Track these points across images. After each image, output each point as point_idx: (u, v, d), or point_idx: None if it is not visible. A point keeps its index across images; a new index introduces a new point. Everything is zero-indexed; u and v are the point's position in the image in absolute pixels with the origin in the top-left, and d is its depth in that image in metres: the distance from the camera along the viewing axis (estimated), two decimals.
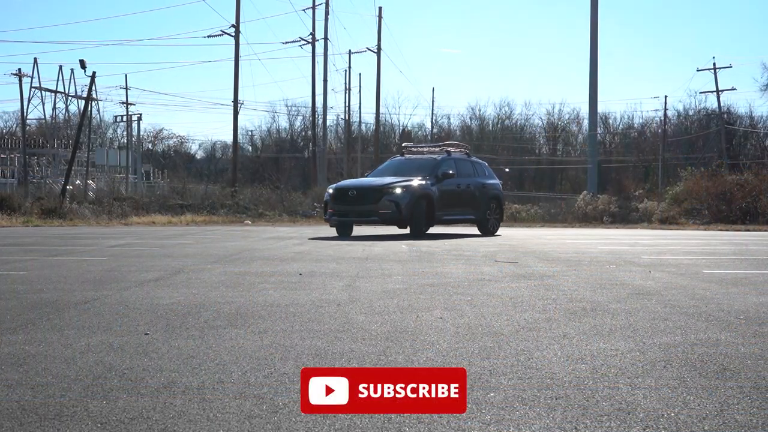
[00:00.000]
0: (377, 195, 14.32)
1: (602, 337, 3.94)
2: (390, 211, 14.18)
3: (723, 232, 21.34)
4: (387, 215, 14.27)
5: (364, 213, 14.58)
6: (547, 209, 32.88)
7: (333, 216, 14.75)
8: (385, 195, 14.26)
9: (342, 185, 15.29)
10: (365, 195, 14.50)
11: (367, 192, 14.52)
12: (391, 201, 14.20)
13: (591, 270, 7.76)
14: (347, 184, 15.55)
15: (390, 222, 14.50)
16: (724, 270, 8.00)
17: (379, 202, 14.20)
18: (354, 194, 14.55)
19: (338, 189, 14.98)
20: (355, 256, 9.35)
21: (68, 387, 2.83)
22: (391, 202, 14.19)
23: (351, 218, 14.81)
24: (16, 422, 2.41)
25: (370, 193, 14.46)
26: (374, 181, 14.93)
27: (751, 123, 54.68)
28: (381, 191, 14.33)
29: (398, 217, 14.29)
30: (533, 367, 3.21)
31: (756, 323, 4.44)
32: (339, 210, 14.64)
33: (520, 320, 4.44)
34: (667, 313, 4.81)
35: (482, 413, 2.54)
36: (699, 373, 3.14)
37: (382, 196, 14.26)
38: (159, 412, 2.53)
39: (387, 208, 14.18)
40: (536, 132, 64.08)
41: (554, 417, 2.51)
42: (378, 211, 14.24)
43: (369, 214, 14.44)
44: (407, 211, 14.21)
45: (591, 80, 38.91)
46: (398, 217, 14.29)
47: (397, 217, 14.27)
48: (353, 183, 15.64)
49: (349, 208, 14.56)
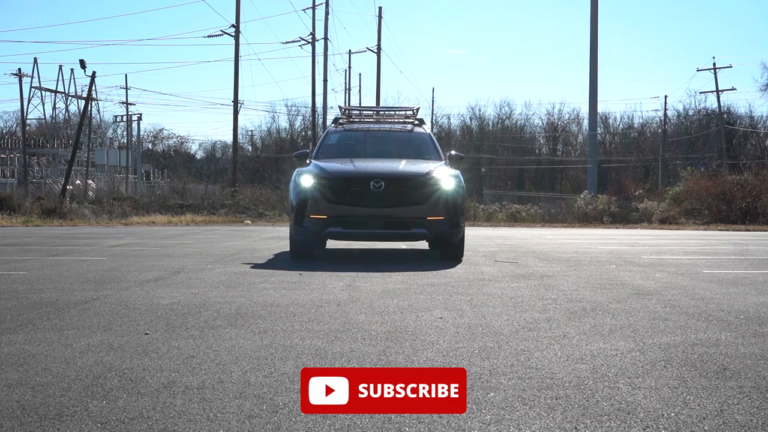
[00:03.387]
0: (422, 189, 8.37)
1: (602, 337, 3.94)
2: (444, 218, 8.35)
3: (723, 232, 21.34)
4: (440, 227, 8.38)
5: (398, 223, 8.37)
6: (547, 209, 32.87)
7: (330, 228, 8.33)
8: (434, 190, 8.39)
9: (348, 171, 8.64)
10: (402, 188, 8.38)
11: (404, 182, 8.42)
12: (441, 201, 8.38)
13: (591, 270, 7.76)
14: (358, 169, 8.68)
15: (440, 237, 8.62)
16: (724, 270, 8.00)
17: (428, 201, 8.34)
18: (381, 187, 8.25)
19: (342, 177, 8.48)
20: (359, 252, 9.34)
21: (68, 387, 2.83)
22: (442, 202, 8.38)
23: (373, 232, 8.46)
24: (16, 422, 2.41)
25: (411, 183, 8.41)
26: (394, 167, 8.75)
27: (751, 123, 54.67)
28: (425, 182, 8.40)
29: (454, 231, 8.49)
30: (533, 367, 3.21)
31: (756, 323, 4.44)
32: (344, 216, 8.34)
33: (520, 320, 4.44)
34: (667, 313, 4.81)
35: (482, 413, 2.54)
36: (699, 373, 3.14)
37: (432, 191, 8.38)
38: (159, 412, 2.53)
39: (440, 212, 8.34)
40: (536, 132, 64.08)
41: (554, 417, 2.51)
42: (426, 220, 8.32)
43: (408, 224, 8.34)
44: (461, 219, 8.63)
45: (591, 80, 38.91)
46: (454, 231, 8.49)
47: (452, 230, 8.46)
48: (370, 168, 8.68)
49: (367, 213, 8.30)
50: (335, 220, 8.28)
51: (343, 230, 8.34)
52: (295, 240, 8.65)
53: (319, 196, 8.32)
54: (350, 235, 8.55)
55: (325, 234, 8.39)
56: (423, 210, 8.35)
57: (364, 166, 8.74)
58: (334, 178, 8.41)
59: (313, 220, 8.29)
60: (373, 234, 8.52)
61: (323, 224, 8.28)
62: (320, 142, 10.22)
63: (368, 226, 8.32)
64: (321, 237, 8.56)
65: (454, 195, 8.48)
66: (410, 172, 8.56)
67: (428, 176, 8.45)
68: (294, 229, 8.51)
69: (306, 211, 8.30)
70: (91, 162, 49.64)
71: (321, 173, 8.45)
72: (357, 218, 8.34)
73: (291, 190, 8.71)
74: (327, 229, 8.29)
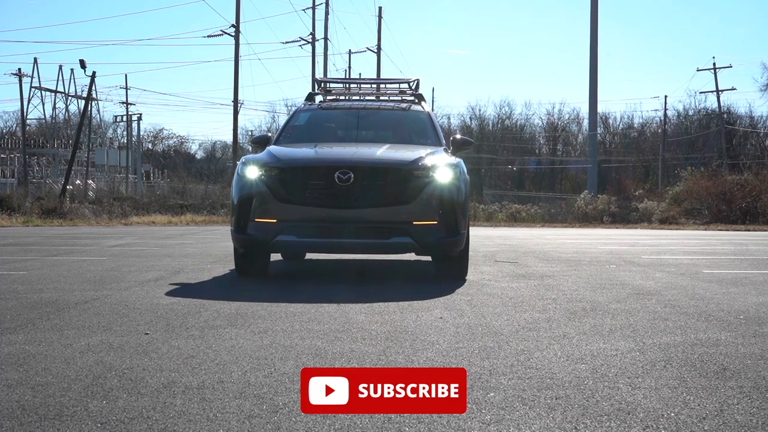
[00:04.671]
0: (407, 183, 6.21)
1: (602, 337, 3.94)
2: (437, 223, 6.18)
3: (723, 232, 21.34)
4: (431, 235, 6.18)
5: (372, 230, 6.16)
6: (547, 209, 32.88)
7: (281, 236, 6.14)
8: (423, 184, 6.22)
9: (306, 158, 6.64)
10: (379, 182, 6.21)
11: (382, 174, 6.25)
12: (434, 199, 6.22)
13: (591, 270, 7.76)
14: (320, 156, 6.69)
15: (432, 249, 6.42)
16: (724, 270, 8.00)
17: (416, 199, 6.17)
18: (349, 180, 6.08)
19: (297, 167, 6.39)
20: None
21: (68, 387, 2.83)
22: (435, 200, 6.22)
23: (338, 242, 6.21)
24: (16, 422, 2.41)
25: (391, 175, 6.23)
26: (369, 153, 6.61)
27: (751, 123, 54.66)
28: (411, 173, 6.24)
29: (451, 240, 6.26)
30: (533, 367, 3.21)
31: (756, 323, 4.44)
32: (299, 220, 6.16)
33: (520, 320, 4.44)
34: (667, 313, 4.81)
35: (482, 413, 2.54)
36: (699, 373, 3.14)
37: (421, 186, 6.21)
38: (159, 412, 2.53)
39: (431, 214, 6.19)
40: (536, 132, 64.07)
41: (554, 417, 2.51)
42: (412, 225, 6.15)
43: (387, 231, 6.16)
44: (462, 223, 6.37)
45: (591, 80, 38.92)
46: (451, 240, 6.26)
47: (448, 238, 6.23)
48: (336, 155, 6.70)
49: (330, 216, 6.14)
50: (288, 225, 6.05)
51: (297, 239, 6.06)
52: (237, 253, 6.64)
53: (267, 192, 6.13)
54: (306, 246, 6.37)
55: (274, 245, 6.19)
56: (408, 212, 6.03)
57: (327, 153, 6.75)
58: (287, 168, 6.21)
59: (258, 226, 6.14)
60: (338, 245, 6.20)
61: (272, 231, 6.08)
62: (285, 123, 8.09)
63: (332, 234, 6.05)
64: (269, 249, 6.41)
65: (452, 190, 6.17)
66: (390, 160, 6.30)
67: (415, 165, 6.18)
68: (235, 238, 6.36)
69: (250, 214, 6.15)
70: (91, 162, 49.66)
71: (271, 162, 6.31)
72: (316, 223, 6.05)
73: (233, 185, 6.54)
74: (276, 238, 6.07)
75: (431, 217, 6.14)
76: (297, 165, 6.36)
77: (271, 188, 6.16)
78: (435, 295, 5.56)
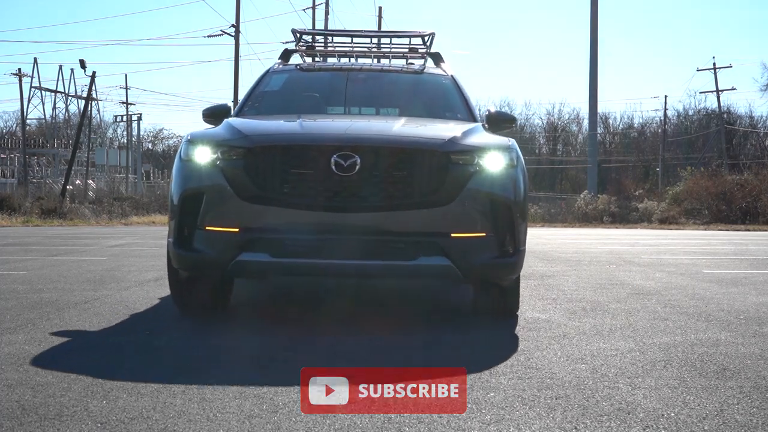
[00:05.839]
0: (442, 173, 4.05)
1: (602, 337, 3.94)
2: (486, 235, 4.06)
3: (723, 232, 21.34)
4: (478, 254, 4.05)
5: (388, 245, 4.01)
6: (547, 209, 32.90)
7: (245, 255, 3.98)
8: (465, 177, 4.08)
9: (287, 133, 4.54)
10: (399, 170, 4.05)
11: (404, 158, 4.08)
12: (483, 197, 4.10)
13: (591, 270, 7.76)
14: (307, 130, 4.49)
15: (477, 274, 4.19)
16: (724, 270, 7.99)
17: (456, 199, 4.02)
18: (354, 168, 3.94)
19: (273, 146, 4.13)
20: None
21: (68, 387, 2.83)
22: (484, 201, 4.10)
23: (337, 264, 4.00)
24: (16, 422, 2.41)
25: (419, 161, 4.07)
26: (382, 128, 4.63)
27: (751, 123, 54.66)
28: (449, 158, 4.09)
29: (507, 262, 4.13)
30: (533, 367, 3.21)
31: (756, 323, 4.44)
32: (274, 229, 4.00)
33: (521, 320, 4.44)
34: (667, 313, 4.81)
35: (482, 413, 2.54)
36: (699, 373, 3.14)
37: (462, 178, 4.07)
38: (159, 412, 2.53)
39: (477, 223, 4.07)
40: (536, 132, 64.09)
41: (554, 417, 2.51)
42: (449, 239, 4.01)
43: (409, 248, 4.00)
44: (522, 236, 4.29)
45: (591, 80, 38.90)
46: (507, 262, 4.13)
47: (502, 259, 4.11)
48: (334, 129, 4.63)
49: (323, 222, 3.99)
50: (256, 237, 3.99)
51: (270, 259, 3.95)
52: (173, 278, 4.46)
53: (224, 186, 4.02)
54: (285, 269, 4.10)
55: (235, 267, 4.01)
56: (444, 218, 4.00)
57: (318, 126, 4.71)
58: (256, 149, 4.07)
59: (211, 238, 4.04)
60: (335, 269, 4.04)
61: (231, 246, 3.99)
62: (251, 88, 5.72)
63: (325, 251, 3.96)
64: (228, 273, 4.12)
65: (508, 186, 4.17)
66: (415, 138, 4.27)
67: (454, 146, 4.14)
68: (175, 255, 4.20)
69: (198, 219, 4.06)
70: (91, 162, 49.67)
71: (231, 139, 4.21)
72: (301, 235, 3.97)
73: (173, 175, 4.39)
74: (239, 257, 3.97)
75: (478, 226, 4.04)
76: (273, 143, 4.13)
77: (232, 180, 4.01)
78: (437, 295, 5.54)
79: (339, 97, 5.80)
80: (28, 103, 56.09)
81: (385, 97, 5.92)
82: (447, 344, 3.77)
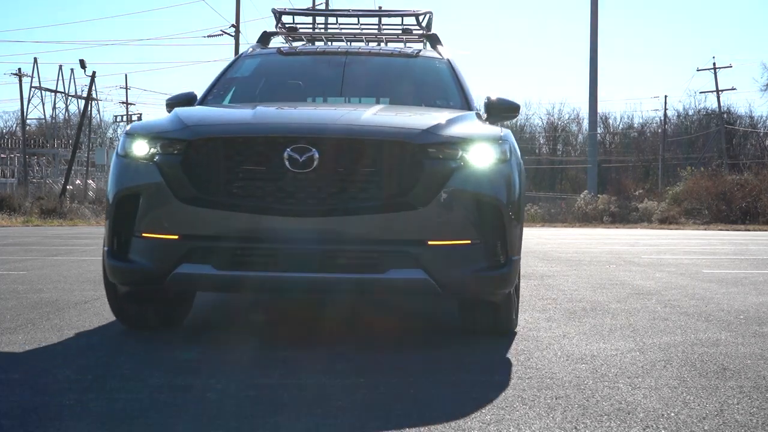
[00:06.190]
0: (417, 168, 3.47)
1: (602, 337, 3.94)
2: (471, 242, 3.49)
3: (723, 232, 21.35)
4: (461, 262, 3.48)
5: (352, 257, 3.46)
6: (547, 209, 32.93)
7: (185, 266, 3.45)
8: (449, 171, 3.49)
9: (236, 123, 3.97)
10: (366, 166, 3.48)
11: (371, 151, 3.50)
12: (468, 198, 3.51)
13: (591, 270, 7.76)
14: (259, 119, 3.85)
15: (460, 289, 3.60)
16: (724, 270, 8.00)
17: (434, 200, 3.44)
18: (312, 162, 3.40)
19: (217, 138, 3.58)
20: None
21: (68, 387, 2.83)
22: (469, 201, 3.52)
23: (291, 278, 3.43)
24: (16, 422, 2.41)
25: (387, 155, 3.50)
26: (347, 116, 3.91)
27: (751, 123, 54.69)
28: (425, 151, 3.51)
29: (497, 274, 3.53)
30: (533, 367, 3.22)
31: (756, 323, 4.44)
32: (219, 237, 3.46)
33: (521, 320, 4.44)
34: (667, 313, 4.81)
35: (482, 413, 2.54)
36: (699, 373, 3.14)
37: (442, 174, 3.48)
38: (159, 412, 2.53)
39: (460, 228, 3.49)
40: (536, 132, 64.10)
41: (554, 417, 2.51)
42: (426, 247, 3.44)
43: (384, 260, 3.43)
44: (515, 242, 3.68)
45: (591, 80, 38.92)
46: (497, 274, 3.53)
47: (492, 271, 3.52)
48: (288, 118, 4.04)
49: (275, 228, 3.42)
50: (198, 246, 3.48)
51: (214, 272, 3.45)
52: (111, 294, 3.90)
53: (162, 186, 3.52)
54: (230, 283, 3.57)
55: (174, 279, 3.49)
56: (419, 222, 3.45)
57: (272, 115, 4.08)
58: (197, 142, 3.56)
59: (148, 247, 3.55)
60: (290, 283, 3.49)
61: (170, 256, 3.49)
62: (219, 75, 5.25)
63: (278, 263, 3.43)
64: (166, 286, 3.56)
65: (498, 184, 3.60)
66: (386, 128, 3.67)
67: (431, 137, 3.56)
68: (109, 268, 3.68)
69: (135, 224, 3.56)
70: (91, 162, 49.68)
71: (171, 130, 3.68)
72: (250, 244, 3.48)
73: (110, 173, 3.83)
74: (177, 270, 3.47)
75: (461, 232, 3.48)
76: (216, 135, 3.61)
77: (170, 178, 3.50)
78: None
79: (318, 84, 5.27)
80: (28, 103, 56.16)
81: (372, 83, 5.32)
82: (447, 345, 3.76)
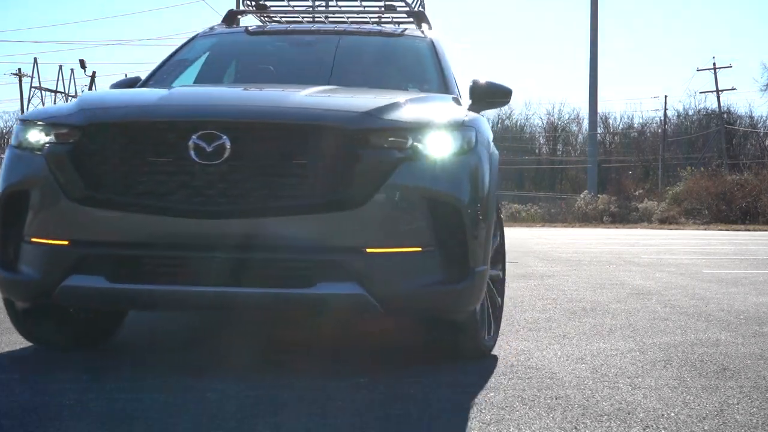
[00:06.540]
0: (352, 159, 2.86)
1: (602, 337, 3.94)
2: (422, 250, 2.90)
3: (723, 232, 21.35)
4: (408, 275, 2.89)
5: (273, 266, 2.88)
6: (547, 209, 32.96)
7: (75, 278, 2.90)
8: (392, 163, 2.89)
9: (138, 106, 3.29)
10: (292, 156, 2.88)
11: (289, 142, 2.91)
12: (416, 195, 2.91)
13: (591, 270, 7.76)
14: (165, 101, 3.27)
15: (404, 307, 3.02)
16: (724, 270, 8.00)
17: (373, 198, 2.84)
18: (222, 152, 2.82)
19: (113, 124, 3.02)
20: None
21: (68, 387, 2.83)
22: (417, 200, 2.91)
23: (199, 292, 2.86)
24: (16, 422, 2.41)
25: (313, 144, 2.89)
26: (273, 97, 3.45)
27: (751, 123, 54.68)
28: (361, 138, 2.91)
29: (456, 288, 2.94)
30: (533, 367, 3.21)
31: (756, 323, 4.44)
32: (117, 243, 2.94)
33: (520, 320, 4.44)
34: (667, 313, 4.81)
35: (482, 413, 2.54)
36: (699, 373, 3.14)
37: (385, 167, 2.88)
38: (159, 412, 2.53)
39: (406, 233, 2.89)
40: (536, 132, 64.10)
41: (554, 417, 2.51)
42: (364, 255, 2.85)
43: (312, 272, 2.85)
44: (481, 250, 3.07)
45: (591, 80, 38.94)
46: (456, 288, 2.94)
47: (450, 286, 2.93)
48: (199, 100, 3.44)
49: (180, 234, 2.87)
50: (89, 254, 2.95)
51: (107, 285, 2.90)
52: (10, 308, 3.36)
53: (51, 181, 2.99)
54: (127, 298, 3.02)
55: (62, 292, 2.95)
56: (352, 225, 2.88)
57: (184, 97, 3.51)
58: (90, 128, 3.01)
59: (37, 253, 3.02)
60: (198, 298, 2.94)
61: (58, 265, 2.97)
62: (167, 56, 4.66)
63: (182, 275, 2.92)
64: (54, 300, 3.02)
65: (457, 178, 3.06)
66: (315, 111, 3.13)
67: (370, 122, 2.99)
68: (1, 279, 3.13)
69: (24, 228, 3.03)
70: None
71: (64, 115, 3.18)
72: (149, 251, 2.96)
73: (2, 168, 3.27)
74: (66, 281, 2.93)
75: (409, 237, 2.92)
76: (110, 120, 3.08)
77: (60, 172, 2.98)
78: None
79: (287, 68, 4.58)
80: (28, 103, 56.13)
81: (345, 68, 4.50)
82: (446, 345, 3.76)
